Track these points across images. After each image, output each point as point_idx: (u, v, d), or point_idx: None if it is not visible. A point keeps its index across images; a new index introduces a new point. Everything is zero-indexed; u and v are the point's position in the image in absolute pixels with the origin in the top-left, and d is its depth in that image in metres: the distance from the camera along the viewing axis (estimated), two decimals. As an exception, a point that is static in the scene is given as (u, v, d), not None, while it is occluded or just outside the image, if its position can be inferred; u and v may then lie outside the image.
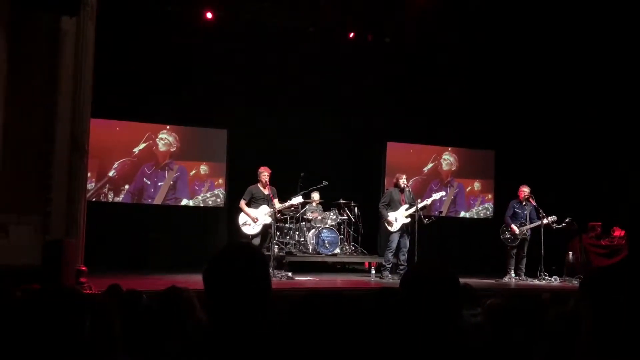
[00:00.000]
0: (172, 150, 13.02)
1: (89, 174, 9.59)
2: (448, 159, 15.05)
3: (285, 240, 12.13)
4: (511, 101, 14.01)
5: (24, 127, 7.65)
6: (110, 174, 12.54)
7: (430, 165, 14.88)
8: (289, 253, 11.76)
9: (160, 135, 12.96)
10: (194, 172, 13.14)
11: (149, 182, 12.82)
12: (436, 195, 11.96)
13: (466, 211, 15.05)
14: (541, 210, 11.39)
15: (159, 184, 12.89)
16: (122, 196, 12.64)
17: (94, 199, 11.96)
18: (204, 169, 13.20)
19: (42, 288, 2.27)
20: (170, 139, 13.05)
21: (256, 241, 10.32)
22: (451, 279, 2.12)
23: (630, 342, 1.69)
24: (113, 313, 2.61)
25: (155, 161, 12.88)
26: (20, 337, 2.14)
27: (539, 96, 13.79)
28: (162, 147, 12.94)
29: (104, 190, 12.47)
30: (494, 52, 13.53)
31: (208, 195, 13.21)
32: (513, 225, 11.45)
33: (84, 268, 7.84)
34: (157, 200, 12.86)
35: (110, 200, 12.51)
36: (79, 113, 8.00)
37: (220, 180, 13.29)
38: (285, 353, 2.01)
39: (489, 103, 14.10)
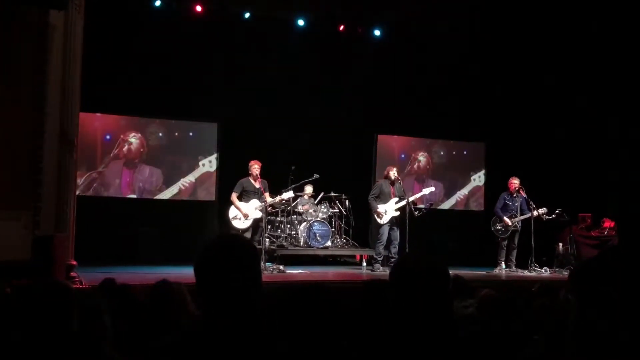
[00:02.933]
0: (162, 143, 12.97)
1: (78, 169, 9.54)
2: (438, 152, 15.07)
3: (276, 234, 12.13)
4: (502, 93, 14.04)
5: (13, 122, 7.60)
6: (100, 168, 12.48)
7: (420, 158, 14.89)
8: (280, 246, 11.76)
9: (150, 129, 12.91)
10: (184, 165, 13.10)
11: (139, 176, 12.77)
12: (426, 190, 11.96)
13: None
14: (531, 202, 11.43)
15: (150, 177, 12.84)
16: (112, 190, 12.58)
17: (83, 194, 11.91)
18: (194, 162, 13.16)
19: (31, 283, 2.25)
20: (160, 132, 13.00)
21: (247, 235, 10.31)
22: (440, 270, 2.12)
23: (618, 334, 1.70)
24: (102, 307, 2.61)
25: (145, 155, 12.83)
26: (10, 331, 2.13)
27: (530, 88, 13.83)
28: (152, 140, 12.89)
29: (94, 184, 12.41)
30: (484, 44, 13.54)
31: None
32: (505, 217, 11.48)
33: (74, 263, 7.81)
34: (148, 194, 12.81)
35: (100, 194, 12.45)
36: (68, 107, 7.95)
37: (211, 174, 13.26)
38: (276, 344, 2.00)
39: (480, 95, 14.13)
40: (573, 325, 1.75)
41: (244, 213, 10.45)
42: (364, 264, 11.97)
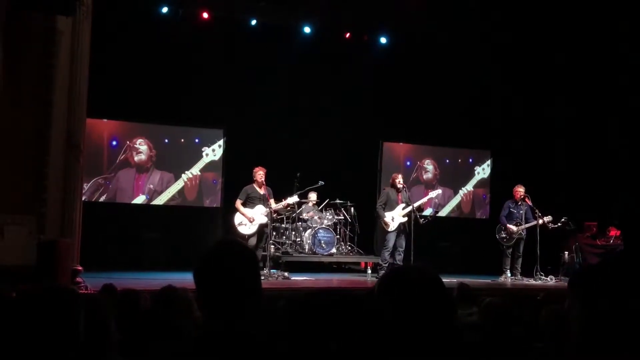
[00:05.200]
0: (168, 149, 13.00)
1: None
2: (444, 159, 15.06)
3: (281, 240, 12.13)
4: (507, 100, 14.02)
5: (19, 127, 7.63)
6: (107, 174, 12.50)
7: (428, 166, 14.88)
8: (285, 253, 11.76)
9: (156, 135, 12.94)
10: (190, 171, 13.12)
11: (145, 182, 12.78)
12: (433, 194, 11.98)
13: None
14: (537, 210, 11.40)
15: (161, 181, 12.86)
16: (118, 196, 12.60)
17: (89, 199, 11.93)
18: (200, 168, 13.18)
19: (37, 287, 2.26)
20: (166, 138, 13.04)
21: (252, 241, 10.32)
22: (431, 279, 2.07)
23: (620, 340, 1.69)
24: (108, 313, 2.62)
25: (155, 158, 12.86)
26: (16, 336, 2.13)
27: (535, 96, 13.81)
28: (157, 146, 12.91)
29: (100, 190, 12.43)
30: (489, 51, 13.53)
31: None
32: (509, 225, 11.45)
33: (79, 268, 7.82)
34: (155, 200, 12.83)
35: (106, 200, 12.47)
36: (74, 113, 7.98)
37: (217, 180, 13.28)
38: (278, 350, 2.00)
39: (485, 102, 14.11)
40: (575, 331, 1.74)
41: (249, 217, 10.44)
42: (369, 271, 11.96)
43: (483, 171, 15.14)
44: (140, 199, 12.74)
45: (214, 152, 13.23)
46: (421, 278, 2.05)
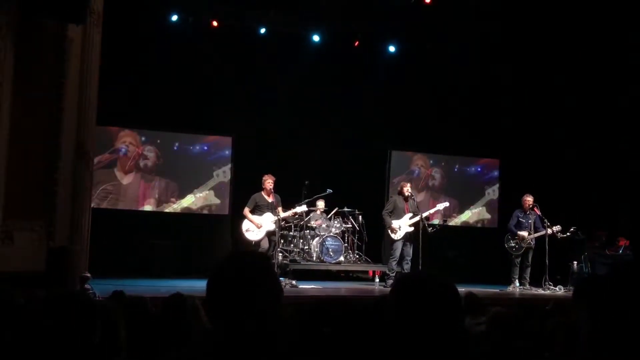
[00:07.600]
0: (177, 156, 13.03)
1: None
2: (452, 168, 15.04)
3: (289, 248, 12.13)
4: (516, 109, 14.01)
5: (30, 134, 7.66)
6: (115, 181, 12.54)
7: (435, 175, 14.86)
8: (293, 261, 11.75)
9: (165, 143, 12.98)
10: (199, 177, 13.15)
11: (156, 188, 12.82)
12: (440, 206, 11.95)
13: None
14: (546, 220, 11.36)
15: (166, 189, 12.90)
16: (129, 203, 12.64)
17: (98, 206, 11.95)
18: (209, 173, 13.21)
19: (54, 293, 2.27)
20: (175, 146, 13.08)
21: (263, 243, 10.42)
22: (445, 288, 2.05)
23: (627, 350, 1.69)
24: (118, 319, 2.63)
25: (161, 166, 12.89)
26: (29, 341, 2.14)
27: (544, 104, 13.78)
28: (167, 153, 12.95)
29: (109, 196, 12.46)
30: (498, 59, 13.54)
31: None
32: (520, 232, 11.39)
33: (88, 275, 7.84)
34: (164, 207, 12.86)
35: (116, 207, 12.50)
36: (84, 120, 8.02)
37: (225, 184, 13.31)
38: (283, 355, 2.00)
39: (494, 111, 14.09)
40: (582, 341, 1.74)
41: (257, 223, 10.47)
42: (377, 279, 11.94)
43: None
44: (147, 209, 12.78)
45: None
46: (436, 285, 2.03)
